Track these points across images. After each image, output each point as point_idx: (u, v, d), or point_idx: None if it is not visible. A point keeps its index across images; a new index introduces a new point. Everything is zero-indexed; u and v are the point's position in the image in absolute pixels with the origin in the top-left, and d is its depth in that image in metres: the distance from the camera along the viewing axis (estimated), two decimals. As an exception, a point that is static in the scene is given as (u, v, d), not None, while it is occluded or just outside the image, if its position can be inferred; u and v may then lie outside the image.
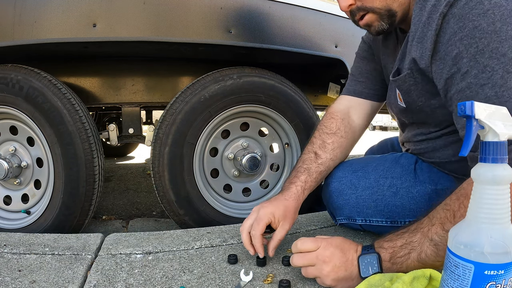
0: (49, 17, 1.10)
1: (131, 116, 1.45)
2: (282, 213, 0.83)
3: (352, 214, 0.95)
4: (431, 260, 0.62)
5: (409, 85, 0.76)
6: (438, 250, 0.61)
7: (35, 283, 0.73)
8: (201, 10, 1.17)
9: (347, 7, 0.75)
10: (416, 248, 0.64)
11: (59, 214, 1.20)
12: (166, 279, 0.75)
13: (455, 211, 0.61)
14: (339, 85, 1.73)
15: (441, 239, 0.61)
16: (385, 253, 0.66)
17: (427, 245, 0.62)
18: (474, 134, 0.47)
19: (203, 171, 1.35)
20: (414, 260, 0.64)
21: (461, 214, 0.60)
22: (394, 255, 0.65)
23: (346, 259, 0.67)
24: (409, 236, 0.65)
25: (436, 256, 0.62)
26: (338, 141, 0.97)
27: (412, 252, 0.64)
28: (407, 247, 0.65)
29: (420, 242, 0.63)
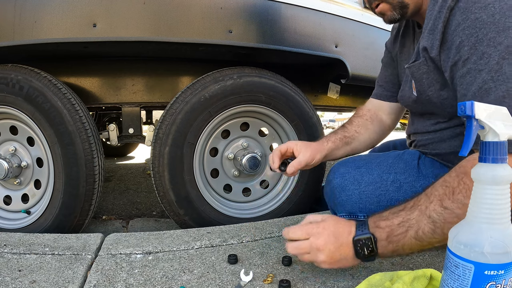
0: (49, 17, 1.10)
1: (131, 116, 1.45)
2: (304, 145, 0.96)
3: (354, 210, 0.95)
4: (428, 237, 0.64)
5: (422, 73, 0.80)
6: (435, 228, 0.62)
7: (35, 283, 0.73)
8: (201, 10, 1.17)
9: None
10: (413, 226, 0.64)
11: (59, 214, 1.20)
12: (166, 279, 0.75)
13: (454, 188, 0.62)
14: (339, 85, 1.73)
15: (439, 216, 0.62)
16: (381, 233, 0.67)
17: (425, 222, 0.63)
18: (474, 134, 0.47)
19: (203, 171, 1.35)
20: (412, 237, 0.65)
21: (460, 191, 0.61)
22: (391, 233, 0.66)
23: (340, 243, 0.68)
24: (406, 214, 0.66)
25: (433, 233, 0.63)
26: (364, 122, 1.09)
27: (410, 230, 0.65)
28: (404, 225, 0.65)
29: (417, 219, 0.64)
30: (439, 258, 0.84)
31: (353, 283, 0.72)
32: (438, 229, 0.62)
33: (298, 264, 0.81)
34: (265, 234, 1.01)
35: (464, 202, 0.61)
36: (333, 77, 1.67)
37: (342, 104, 1.95)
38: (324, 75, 1.69)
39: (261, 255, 0.87)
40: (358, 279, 0.74)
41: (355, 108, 2.09)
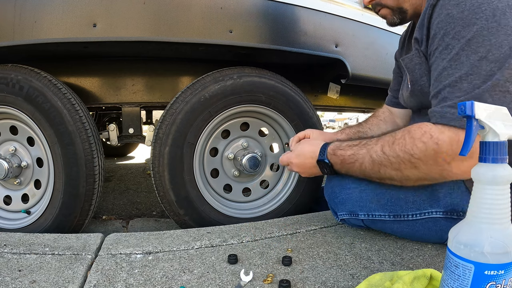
0: (49, 17, 1.10)
1: (131, 116, 1.45)
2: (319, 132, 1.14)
3: (354, 208, 0.96)
4: (368, 171, 0.83)
5: (414, 63, 0.87)
6: (373, 166, 0.81)
7: (35, 283, 0.73)
8: (201, 10, 1.17)
9: (368, 2, 0.94)
10: (359, 159, 0.84)
11: (59, 214, 1.20)
12: (166, 279, 0.75)
13: (396, 139, 0.77)
14: (339, 85, 1.73)
15: (378, 158, 0.80)
16: (336, 159, 0.90)
17: (367, 159, 0.82)
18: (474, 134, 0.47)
19: (203, 171, 1.35)
20: (357, 168, 0.85)
21: (398, 144, 0.76)
22: (343, 161, 0.88)
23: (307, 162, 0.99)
24: (357, 149, 0.85)
25: (371, 170, 0.82)
26: (378, 121, 1.20)
27: (356, 162, 0.85)
28: (353, 157, 0.85)
29: (363, 156, 0.83)
30: (439, 258, 0.84)
31: (353, 283, 0.72)
32: (375, 168, 0.80)
33: (298, 264, 0.81)
34: (265, 234, 1.01)
35: (398, 154, 0.76)
36: (333, 77, 1.67)
37: (342, 104, 1.95)
38: (324, 75, 1.69)
39: (261, 255, 0.87)
40: (358, 279, 0.74)
41: (355, 108, 2.10)
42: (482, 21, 0.68)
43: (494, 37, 0.67)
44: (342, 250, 0.89)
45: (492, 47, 0.68)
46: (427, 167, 0.74)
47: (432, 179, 0.77)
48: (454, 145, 0.69)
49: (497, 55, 0.67)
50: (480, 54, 0.68)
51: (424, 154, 0.72)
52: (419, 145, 0.73)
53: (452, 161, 0.71)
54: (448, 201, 0.84)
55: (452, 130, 0.70)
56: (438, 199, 0.85)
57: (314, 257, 0.85)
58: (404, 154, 0.75)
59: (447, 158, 0.71)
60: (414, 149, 0.73)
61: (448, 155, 0.70)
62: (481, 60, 0.68)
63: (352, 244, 0.93)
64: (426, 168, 0.74)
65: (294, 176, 1.42)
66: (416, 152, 0.73)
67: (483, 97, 0.67)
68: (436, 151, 0.71)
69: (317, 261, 0.83)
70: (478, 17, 0.68)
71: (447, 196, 0.84)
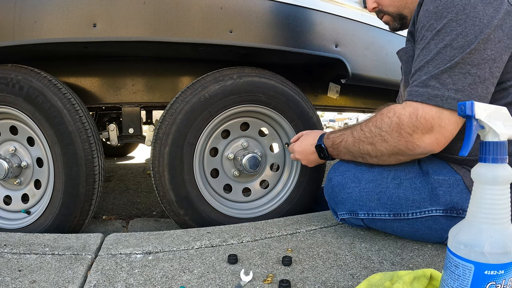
0: (49, 17, 1.10)
1: (131, 116, 1.45)
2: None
3: (354, 208, 0.96)
4: (350, 147, 0.94)
5: (408, 56, 0.93)
6: (354, 142, 0.92)
7: (35, 283, 0.73)
8: (201, 10, 1.17)
9: (372, 9, 1.02)
10: (344, 139, 0.95)
11: (59, 214, 1.20)
12: (166, 279, 0.75)
13: (371, 118, 0.88)
14: (339, 85, 1.73)
15: (357, 134, 0.91)
16: (328, 142, 1.02)
17: (350, 137, 0.94)
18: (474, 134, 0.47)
19: (203, 171, 1.35)
20: (343, 147, 0.96)
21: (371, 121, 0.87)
22: (333, 142, 1.00)
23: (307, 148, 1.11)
24: (344, 131, 0.97)
25: (353, 145, 0.93)
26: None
27: (342, 141, 0.96)
28: (340, 137, 0.97)
29: (347, 135, 0.95)
30: (439, 258, 0.84)
31: (353, 283, 0.72)
32: (356, 144, 0.91)
33: (298, 264, 0.81)
34: (265, 234, 1.02)
35: (371, 129, 0.87)
36: (333, 77, 1.67)
37: (342, 104, 1.95)
38: (324, 75, 1.69)
39: (261, 255, 0.87)
40: (358, 279, 0.74)
41: (355, 108, 2.10)
42: (452, 14, 0.75)
43: (462, 27, 0.74)
44: (342, 250, 0.89)
45: (458, 36, 0.74)
46: (393, 139, 0.82)
47: (401, 152, 0.84)
48: (413, 118, 0.78)
49: (461, 42, 0.74)
50: (446, 42, 0.75)
51: (389, 127, 0.82)
52: (385, 120, 0.83)
53: (413, 133, 0.79)
54: (448, 199, 0.84)
55: (413, 105, 0.79)
56: (438, 197, 0.85)
57: (314, 257, 0.85)
58: (375, 129, 0.86)
59: (409, 130, 0.79)
60: (382, 124, 0.84)
61: (409, 127, 0.79)
62: (446, 47, 0.75)
63: (352, 244, 0.93)
64: (393, 140, 0.83)
65: (294, 176, 1.42)
66: (383, 126, 0.83)
67: (442, 76, 0.75)
68: (398, 124, 0.80)
69: (317, 261, 0.83)
70: (450, 11, 0.75)
71: (446, 194, 0.84)
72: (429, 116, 0.76)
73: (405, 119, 0.79)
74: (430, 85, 0.76)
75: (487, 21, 0.73)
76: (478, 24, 0.73)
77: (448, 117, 0.76)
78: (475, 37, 0.73)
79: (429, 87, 0.76)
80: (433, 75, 0.76)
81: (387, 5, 0.98)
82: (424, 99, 0.77)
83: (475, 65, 0.73)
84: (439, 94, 0.75)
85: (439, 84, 0.75)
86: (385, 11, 0.99)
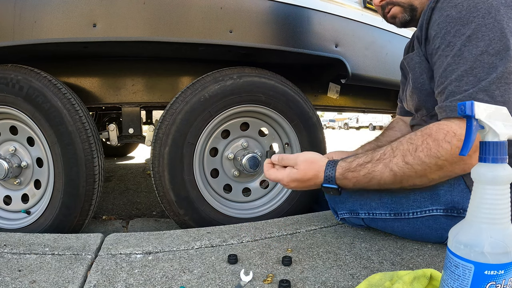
0: (49, 17, 1.10)
1: (131, 116, 1.45)
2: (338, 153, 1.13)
3: (355, 207, 0.96)
4: (388, 184, 0.78)
5: (415, 62, 0.90)
6: (395, 179, 0.76)
7: (35, 283, 0.73)
8: (201, 10, 1.17)
9: (379, 2, 0.95)
10: (376, 177, 0.78)
11: (59, 214, 1.20)
12: (166, 279, 0.75)
13: (417, 146, 0.74)
14: (339, 85, 1.73)
15: (400, 170, 0.75)
16: (348, 183, 0.81)
17: (387, 174, 0.77)
18: (474, 134, 0.47)
19: (203, 171, 1.35)
20: (374, 184, 0.79)
21: (422, 150, 0.73)
22: (356, 183, 0.81)
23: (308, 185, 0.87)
24: (372, 166, 0.78)
25: (392, 183, 0.77)
26: (394, 133, 1.19)
27: (373, 180, 0.79)
28: (368, 176, 0.79)
29: (381, 171, 0.77)
30: (439, 258, 0.84)
31: (353, 283, 0.72)
32: (397, 180, 0.76)
33: (298, 264, 0.81)
34: (265, 234, 1.01)
35: (424, 160, 0.72)
36: (333, 77, 1.67)
37: (342, 104, 1.95)
38: (324, 75, 1.69)
39: (261, 255, 0.87)
40: (358, 279, 0.74)
41: (355, 108, 2.10)
42: (479, 19, 0.72)
43: (492, 32, 0.71)
44: (342, 250, 0.89)
45: (492, 41, 0.71)
46: (452, 165, 0.72)
47: (454, 174, 0.76)
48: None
49: (497, 48, 0.71)
50: (481, 48, 0.71)
51: (451, 154, 0.71)
52: (445, 146, 0.71)
53: (473, 154, 0.70)
54: (449, 199, 0.84)
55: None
56: (439, 197, 0.85)
57: (314, 257, 0.85)
58: (430, 159, 0.72)
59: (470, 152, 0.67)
60: (441, 151, 0.71)
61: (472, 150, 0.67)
62: (483, 54, 0.71)
63: (352, 244, 0.93)
64: (451, 167, 0.73)
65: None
66: (443, 153, 0.71)
67: (490, 88, 0.70)
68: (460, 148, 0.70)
69: (317, 261, 0.83)
70: (475, 15, 0.72)
71: (447, 194, 0.84)
72: None
73: None
74: (479, 98, 0.70)
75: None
76: (506, 27, 0.71)
77: None
78: (508, 41, 0.70)
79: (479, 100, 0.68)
80: (481, 88, 0.70)
81: None
82: None
83: None
84: None
85: (488, 97, 0.70)
86: (395, 1, 0.93)
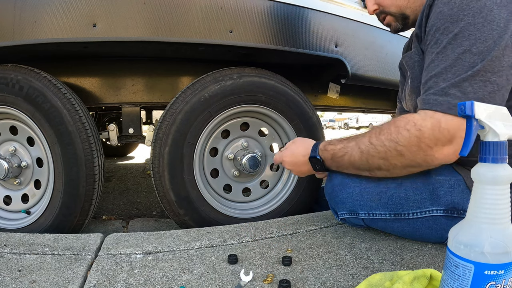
0: (49, 17, 1.10)
1: (131, 116, 1.45)
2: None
3: (355, 207, 0.96)
4: (357, 161, 0.87)
5: (413, 61, 0.90)
6: (362, 156, 0.85)
7: (35, 283, 0.73)
8: (201, 10, 1.17)
9: (373, 11, 0.99)
10: (348, 152, 0.88)
11: (59, 214, 1.20)
12: (166, 279, 0.75)
13: (382, 130, 0.82)
14: (339, 85, 1.73)
15: (365, 148, 0.84)
16: (327, 154, 0.94)
17: (356, 151, 0.86)
18: (474, 134, 0.47)
19: (203, 171, 1.35)
20: (346, 160, 0.90)
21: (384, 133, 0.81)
22: (334, 155, 0.92)
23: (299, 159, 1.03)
24: (347, 142, 0.90)
25: (360, 159, 0.86)
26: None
27: (346, 155, 0.89)
28: (343, 150, 0.90)
29: (352, 148, 0.87)
30: (439, 258, 0.84)
31: (353, 283, 0.72)
32: (364, 158, 0.85)
33: (298, 264, 0.81)
34: (265, 234, 1.01)
35: (385, 143, 0.80)
36: (333, 77, 1.67)
37: (342, 104, 1.95)
38: (324, 75, 1.69)
39: (261, 255, 0.87)
40: (358, 279, 0.74)
41: (355, 108, 2.10)
42: (469, 17, 0.72)
43: (480, 31, 0.71)
44: (342, 250, 0.89)
45: (477, 41, 0.71)
46: (412, 153, 0.78)
47: (417, 165, 0.81)
48: (436, 130, 0.74)
49: (481, 48, 0.71)
50: (465, 47, 0.72)
51: (408, 141, 0.77)
52: (404, 133, 0.77)
53: (434, 146, 0.75)
54: (449, 199, 0.84)
55: (434, 116, 0.74)
56: (439, 197, 0.85)
57: (314, 257, 0.85)
58: (389, 143, 0.80)
59: (430, 143, 0.75)
60: (399, 137, 0.78)
61: (430, 140, 0.75)
62: (465, 52, 0.72)
63: (352, 244, 0.93)
64: (411, 154, 0.78)
65: (294, 176, 1.42)
66: (401, 139, 0.78)
67: (463, 85, 0.72)
68: (419, 138, 0.76)
69: (317, 261, 0.83)
70: (466, 13, 0.72)
71: (447, 194, 0.84)
72: (451, 127, 0.73)
73: (427, 131, 0.74)
74: (451, 93, 0.73)
75: (504, 25, 0.70)
76: (495, 28, 0.70)
77: None
78: (494, 43, 0.70)
79: (450, 95, 0.73)
80: (454, 83, 0.73)
81: (389, 5, 0.95)
82: (445, 108, 0.73)
83: (495, 72, 0.71)
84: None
85: (460, 93, 0.72)
86: (387, 11, 0.96)
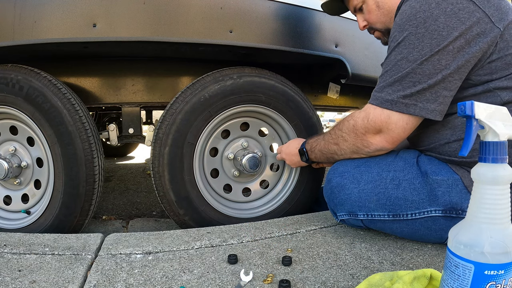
0: (49, 17, 1.10)
1: (131, 116, 1.45)
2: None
3: (353, 208, 0.96)
4: (322, 148, 1.07)
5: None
6: (325, 144, 1.05)
7: (35, 283, 0.73)
8: (201, 10, 1.17)
9: (363, 27, 1.10)
10: (319, 142, 1.08)
11: (59, 214, 1.20)
12: (166, 279, 0.75)
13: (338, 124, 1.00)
14: (339, 85, 1.73)
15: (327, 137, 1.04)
16: (309, 146, 1.14)
17: (322, 140, 1.08)
18: (474, 134, 0.47)
19: (203, 171, 1.35)
20: (317, 149, 1.09)
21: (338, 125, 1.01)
22: (311, 146, 1.12)
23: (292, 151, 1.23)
24: (319, 136, 1.11)
25: (324, 147, 1.06)
26: None
27: (317, 145, 1.09)
28: (316, 141, 1.10)
29: (320, 139, 1.09)
30: (439, 258, 0.84)
31: (353, 283, 0.72)
32: (326, 145, 1.05)
33: (298, 264, 0.81)
34: (265, 234, 1.02)
35: (336, 132, 1.00)
36: (333, 77, 1.67)
37: (342, 104, 1.95)
38: (324, 75, 1.69)
39: (261, 255, 0.87)
40: (358, 279, 0.74)
41: (355, 108, 2.10)
42: (412, 28, 0.81)
43: (419, 41, 0.80)
44: (342, 250, 0.89)
45: (414, 49, 0.81)
46: (352, 139, 0.95)
47: (360, 150, 0.96)
48: (365, 121, 0.90)
49: (416, 56, 0.81)
50: (403, 55, 0.83)
51: (348, 129, 0.96)
52: (345, 123, 0.97)
53: (366, 133, 0.91)
54: (447, 200, 0.84)
55: (367, 109, 0.90)
56: (437, 198, 0.85)
57: (314, 257, 0.85)
58: (338, 131, 0.99)
59: (362, 131, 0.92)
60: (343, 126, 0.97)
61: (362, 128, 0.91)
62: (402, 59, 0.83)
63: (352, 244, 0.93)
64: (351, 140, 0.96)
65: (294, 176, 1.42)
66: (344, 128, 0.97)
67: (394, 84, 0.84)
68: (354, 126, 0.93)
69: (317, 261, 0.83)
70: (411, 24, 0.81)
71: (445, 195, 0.84)
72: (377, 120, 0.87)
73: (359, 121, 0.91)
74: (384, 91, 0.86)
75: (447, 33, 0.77)
76: (436, 37, 0.78)
77: (395, 121, 0.85)
78: (430, 50, 0.79)
79: (383, 92, 0.86)
80: (388, 83, 0.85)
81: (375, 22, 1.05)
82: (378, 103, 0.87)
83: (426, 74, 0.80)
84: (389, 99, 0.85)
85: (391, 91, 0.85)
86: (374, 27, 1.07)
